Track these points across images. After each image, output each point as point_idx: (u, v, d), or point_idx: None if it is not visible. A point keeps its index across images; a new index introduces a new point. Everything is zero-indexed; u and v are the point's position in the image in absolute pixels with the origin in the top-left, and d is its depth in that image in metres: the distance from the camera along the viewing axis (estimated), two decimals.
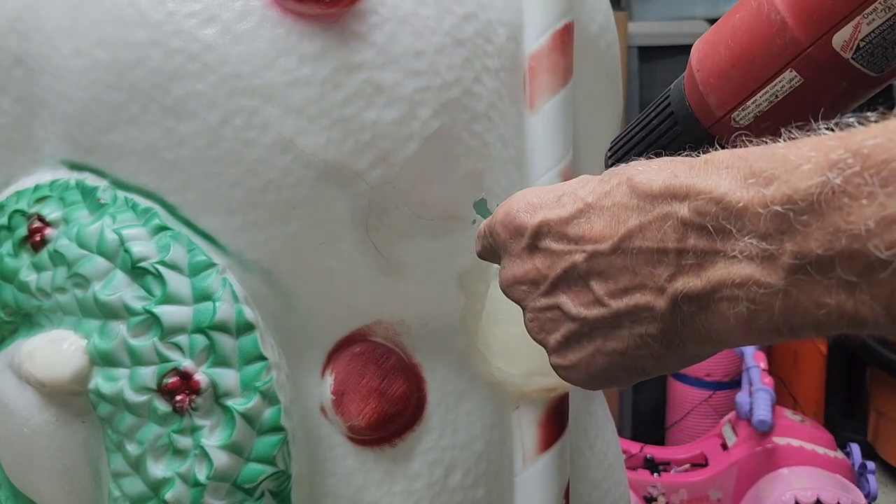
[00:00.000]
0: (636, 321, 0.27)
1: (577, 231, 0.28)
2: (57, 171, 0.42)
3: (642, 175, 0.27)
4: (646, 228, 0.26)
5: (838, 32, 0.27)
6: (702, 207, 0.24)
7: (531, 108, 0.45)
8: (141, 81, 0.39)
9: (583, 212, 0.28)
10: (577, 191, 0.29)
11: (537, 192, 0.31)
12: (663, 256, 0.26)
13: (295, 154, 0.39)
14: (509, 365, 0.45)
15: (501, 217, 0.32)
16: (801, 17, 0.28)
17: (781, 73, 0.29)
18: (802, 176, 0.22)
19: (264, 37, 0.38)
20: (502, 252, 0.32)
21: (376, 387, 0.43)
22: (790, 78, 0.29)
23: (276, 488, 0.40)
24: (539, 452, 0.47)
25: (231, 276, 0.40)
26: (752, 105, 0.30)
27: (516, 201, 0.31)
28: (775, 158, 0.23)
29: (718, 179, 0.24)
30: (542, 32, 0.45)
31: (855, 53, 0.27)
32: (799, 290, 0.23)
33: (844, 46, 0.27)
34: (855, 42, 0.27)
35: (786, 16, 0.28)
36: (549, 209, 0.30)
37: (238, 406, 0.39)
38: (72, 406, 0.40)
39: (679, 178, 0.25)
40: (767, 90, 0.29)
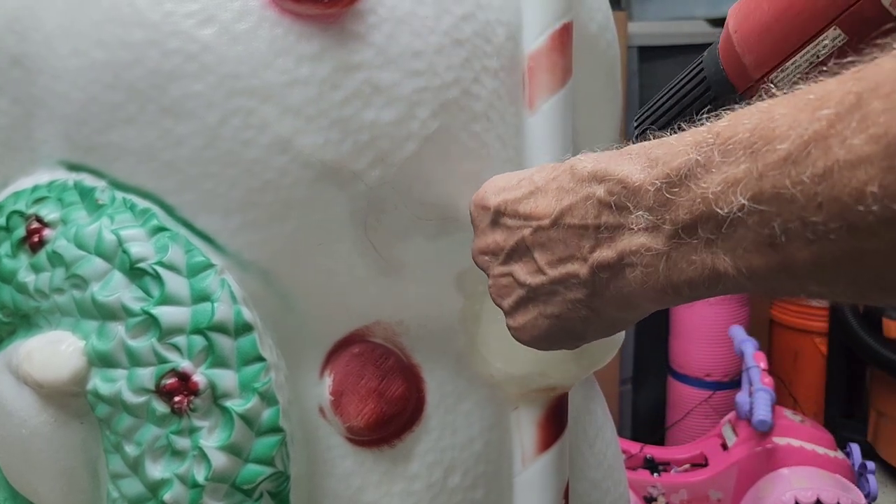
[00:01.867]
0: (567, 287, 0.32)
1: (526, 209, 0.33)
2: (55, 171, 0.42)
3: (582, 162, 0.31)
4: (575, 207, 0.31)
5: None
6: (612, 188, 0.29)
7: (530, 108, 0.45)
8: (139, 81, 0.38)
9: (532, 193, 0.33)
10: (533, 175, 0.34)
11: (506, 176, 0.36)
12: (586, 231, 0.30)
13: (293, 154, 0.39)
14: (508, 365, 0.45)
15: (475, 198, 0.38)
16: None
17: (825, 30, 0.28)
18: (677, 156, 0.26)
19: (262, 37, 0.38)
20: (474, 227, 0.38)
21: (375, 387, 0.43)
22: (834, 36, 0.28)
23: (275, 489, 0.40)
24: (538, 453, 0.47)
25: (229, 277, 0.40)
26: (792, 66, 0.29)
27: (488, 184, 0.37)
28: (665, 145, 0.28)
29: (626, 165, 0.29)
30: (540, 32, 0.45)
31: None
32: (676, 252, 0.27)
33: (893, 2, 0.26)
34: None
35: None
36: (509, 191, 0.35)
37: (237, 407, 0.38)
38: (70, 407, 0.40)
39: (601, 163, 0.30)
40: (809, 49, 0.28)
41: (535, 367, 0.45)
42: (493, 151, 0.44)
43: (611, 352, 0.48)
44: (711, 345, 1.61)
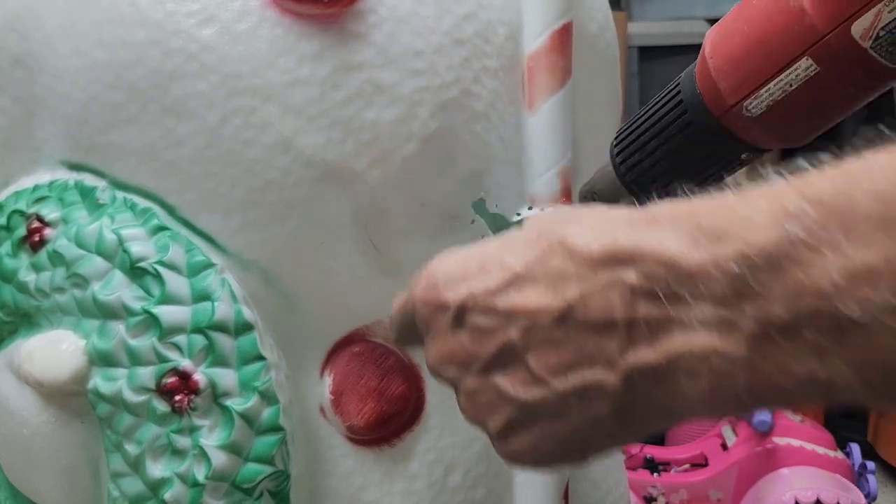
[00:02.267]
0: (585, 400, 0.24)
1: (507, 303, 0.25)
2: (56, 171, 0.42)
3: (578, 237, 0.24)
4: (589, 298, 0.23)
5: (858, 20, 0.26)
6: (651, 272, 0.22)
7: (530, 108, 0.45)
8: (140, 81, 0.39)
9: (512, 282, 0.25)
10: (504, 257, 0.26)
11: (458, 259, 0.28)
12: (612, 328, 0.23)
13: (294, 154, 0.39)
14: None
15: (422, 293, 0.28)
16: (821, 4, 0.27)
17: (797, 60, 0.28)
18: (757, 230, 0.20)
19: (263, 37, 0.38)
20: (425, 331, 0.29)
21: (375, 387, 0.43)
22: (806, 66, 0.28)
23: (275, 488, 0.40)
24: None
25: (230, 276, 0.40)
26: (766, 93, 0.29)
27: (435, 273, 0.28)
28: (725, 212, 0.21)
29: (665, 239, 0.22)
30: (540, 32, 0.45)
31: (874, 42, 0.26)
32: (764, 359, 0.20)
33: (864, 35, 0.26)
34: (875, 30, 0.26)
35: (805, 2, 0.27)
36: (473, 280, 0.26)
37: (237, 406, 0.39)
38: (71, 406, 0.40)
39: (621, 239, 0.23)
40: (782, 78, 0.29)
41: None
42: (494, 151, 0.44)
43: None
44: None
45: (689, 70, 0.33)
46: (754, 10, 0.30)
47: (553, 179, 0.46)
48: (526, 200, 0.46)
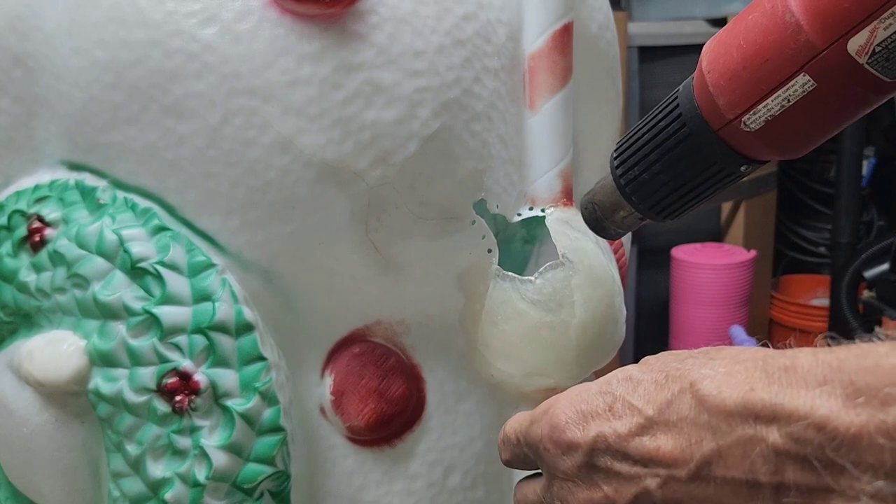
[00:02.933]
0: None
1: (641, 450, 0.25)
2: (56, 171, 0.42)
3: (709, 384, 0.23)
4: (727, 454, 0.22)
5: (854, 37, 0.26)
6: (799, 434, 0.20)
7: (531, 108, 0.45)
8: (140, 81, 0.38)
9: (645, 427, 0.25)
10: (630, 398, 0.25)
11: (583, 397, 0.27)
12: (756, 490, 0.22)
13: (294, 154, 0.39)
14: (509, 365, 0.45)
15: (546, 431, 0.28)
16: (817, 21, 0.27)
17: (794, 76, 0.28)
18: None
19: (264, 37, 0.38)
20: (547, 468, 0.29)
21: (375, 387, 0.43)
22: (803, 82, 0.28)
23: (276, 488, 0.40)
24: None
25: (230, 277, 0.40)
26: (764, 109, 0.29)
27: (562, 411, 0.28)
28: (883, 371, 0.19)
29: (813, 398, 0.20)
30: (541, 32, 0.45)
31: (870, 58, 0.26)
32: None
33: (860, 51, 0.26)
34: (871, 47, 0.26)
35: (801, 18, 0.27)
36: (602, 421, 0.26)
37: (237, 406, 0.39)
38: (71, 406, 0.40)
39: (758, 392, 0.21)
40: (780, 94, 0.29)
41: (535, 367, 0.45)
42: (494, 151, 0.44)
43: (611, 352, 0.48)
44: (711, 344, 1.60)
45: (688, 82, 0.33)
46: (750, 24, 0.29)
47: (554, 180, 0.46)
48: (526, 200, 0.46)
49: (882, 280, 1.52)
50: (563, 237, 0.45)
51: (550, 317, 0.44)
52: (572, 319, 0.44)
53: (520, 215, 0.46)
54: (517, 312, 0.44)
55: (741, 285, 1.59)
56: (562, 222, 0.45)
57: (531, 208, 0.46)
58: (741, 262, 1.59)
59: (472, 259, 0.44)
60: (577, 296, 0.44)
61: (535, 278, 0.44)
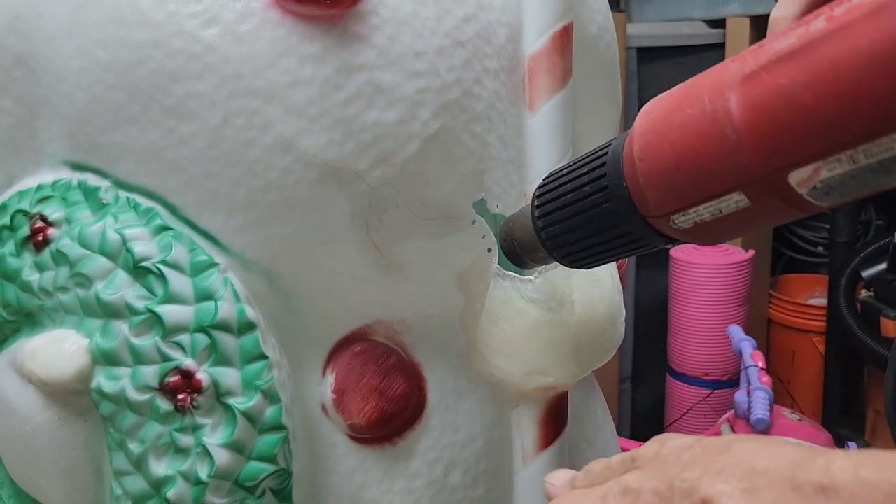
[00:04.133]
0: None
1: None
2: (59, 171, 0.42)
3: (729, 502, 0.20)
4: None
5: (797, 170, 0.24)
6: None
7: (530, 108, 0.45)
8: (142, 81, 0.39)
9: None
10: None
11: None
12: None
13: (296, 154, 0.39)
14: (509, 364, 0.45)
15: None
16: (760, 145, 0.25)
17: (729, 193, 0.26)
18: None
19: (265, 38, 0.38)
20: None
21: (376, 386, 0.43)
22: (738, 199, 0.26)
23: (278, 486, 0.40)
24: (538, 451, 0.47)
25: (232, 276, 0.40)
26: (694, 213, 0.28)
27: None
28: None
29: None
30: (541, 34, 0.45)
31: (811, 191, 0.25)
32: None
33: (801, 183, 0.25)
34: (813, 182, 0.25)
35: (743, 137, 0.25)
36: None
37: (239, 405, 0.39)
38: (74, 405, 0.40)
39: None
40: (712, 204, 0.27)
41: (535, 365, 0.45)
42: (494, 152, 0.44)
43: (610, 351, 0.48)
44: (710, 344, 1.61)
45: (616, 149, 0.30)
46: (688, 121, 0.27)
47: None
48: (526, 200, 0.46)
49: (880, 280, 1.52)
50: None
51: (550, 315, 0.44)
52: (572, 318, 0.44)
53: None
54: (517, 311, 0.44)
55: (739, 285, 1.60)
56: None
57: None
58: (739, 261, 1.59)
59: (473, 258, 0.44)
60: (577, 295, 0.44)
61: (535, 277, 0.44)
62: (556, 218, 0.33)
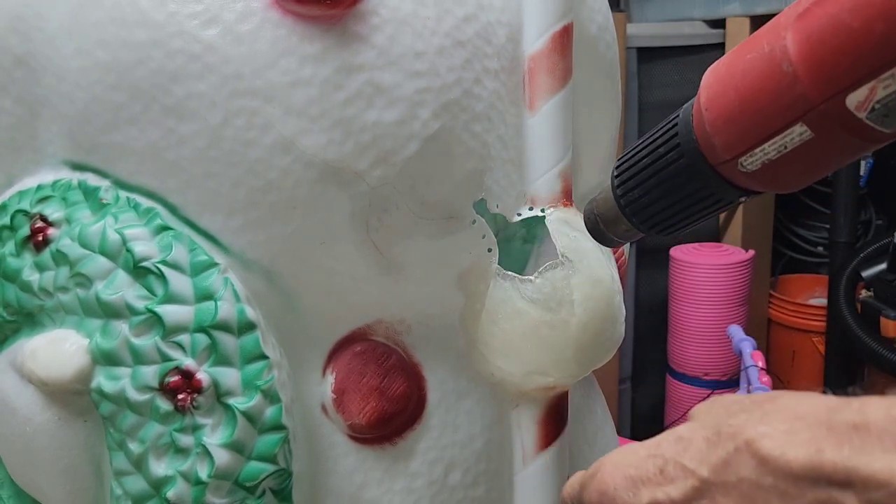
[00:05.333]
0: None
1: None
2: (59, 171, 0.42)
3: (769, 443, 0.21)
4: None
5: (853, 93, 0.25)
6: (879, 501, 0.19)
7: (530, 108, 0.45)
8: (142, 82, 0.39)
9: (701, 490, 0.23)
10: (682, 459, 0.24)
11: (631, 459, 0.26)
12: None
13: (296, 154, 0.39)
14: (509, 364, 0.45)
15: (596, 498, 0.26)
16: (815, 74, 0.26)
17: (791, 125, 0.27)
18: None
19: (265, 38, 0.38)
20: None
21: (377, 385, 0.43)
22: (800, 132, 0.27)
23: (278, 486, 0.40)
24: (538, 451, 0.47)
25: (232, 276, 0.40)
26: (760, 153, 0.29)
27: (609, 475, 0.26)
28: None
29: (891, 462, 0.19)
30: (541, 34, 0.45)
31: (870, 114, 0.26)
32: None
33: (859, 107, 0.26)
34: (870, 103, 0.25)
35: (799, 69, 0.26)
36: (654, 486, 0.24)
37: (239, 405, 0.39)
38: (74, 405, 0.40)
39: (827, 453, 0.20)
40: (776, 140, 0.28)
41: (535, 365, 0.45)
42: (494, 151, 0.44)
43: (610, 351, 0.48)
44: (709, 344, 1.61)
45: (687, 108, 0.32)
46: (748, 65, 0.28)
47: (553, 180, 0.46)
48: (526, 201, 0.46)
49: (880, 280, 1.52)
50: (563, 237, 0.45)
51: (550, 315, 0.44)
52: (572, 318, 0.44)
53: (520, 215, 0.46)
54: (517, 311, 0.44)
55: (739, 285, 1.60)
56: (561, 222, 0.46)
57: (531, 208, 0.46)
58: (739, 261, 1.59)
59: (473, 258, 0.44)
60: (577, 295, 0.44)
61: (535, 277, 0.44)
62: (634, 183, 0.34)
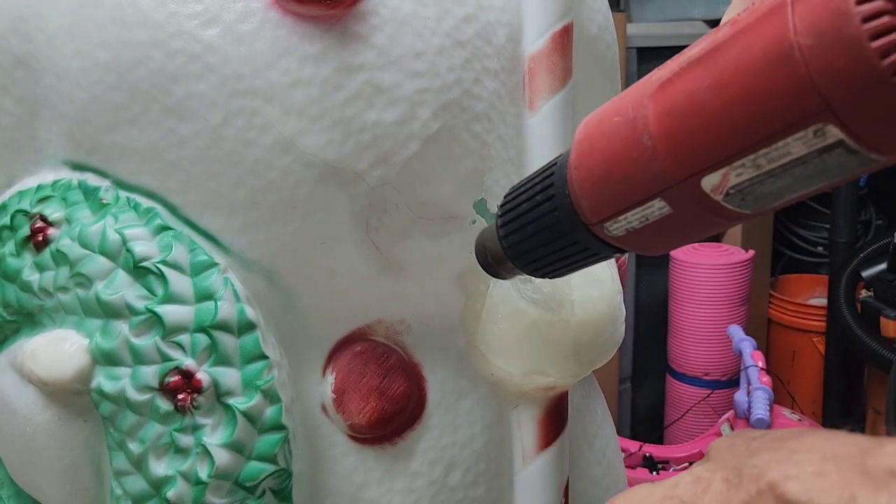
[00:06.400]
0: None
1: None
2: (59, 171, 0.42)
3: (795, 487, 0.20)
4: None
5: (707, 176, 0.25)
6: None
7: (530, 108, 0.45)
8: (142, 82, 0.39)
9: None
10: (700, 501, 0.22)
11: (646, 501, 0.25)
12: None
13: (296, 154, 0.39)
14: (509, 364, 0.45)
15: None
16: (672, 152, 0.25)
17: (651, 200, 0.27)
18: None
19: (265, 38, 0.38)
20: None
21: (377, 385, 0.43)
22: (660, 206, 0.27)
23: (278, 486, 0.40)
24: (538, 451, 0.47)
25: (232, 276, 0.40)
26: (624, 220, 0.28)
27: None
28: None
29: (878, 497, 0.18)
30: (541, 34, 0.45)
31: (726, 197, 0.25)
32: None
33: (714, 189, 0.25)
34: (724, 188, 0.25)
35: (658, 144, 0.25)
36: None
37: (239, 405, 0.39)
38: (74, 405, 0.41)
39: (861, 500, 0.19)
40: (637, 211, 0.27)
41: (534, 365, 0.45)
42: (494, 151, 0.44)
43: (610, 351, 0.48)
44: (710, 344, 1.61)
45: (564, 158, 0.31)
46: (614, 129, 0.28)
47: None
48: None
49: (880, 280, 1.53)
50: None
51: (550, 315, 0.44)
52: (571, 318, 0.44)
53: None
54: (517, 311, 0.44)
55: (739, 285, 1.60)
56: None
57: None
58: (739, 261, 1.60)
59: (473, 258, 0.44)
60: (577, 295, 0.44)
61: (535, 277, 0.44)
62: (514, 227, 0.33)
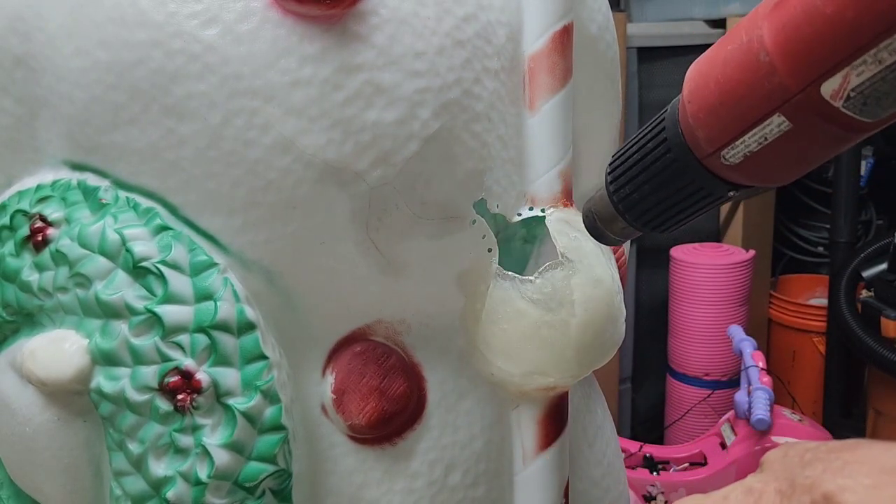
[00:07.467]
0: None
1: None
2: (59, 171, 0.42)
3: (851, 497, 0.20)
4: None
5: (827, 81, 0.25)
6: None
7: (530, 108, 0.45)
8: (142, 82, 0.39)
9: None
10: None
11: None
12: None
13: (295, 154, 0.39)
14: (509, 364, 0.45)
15: None
16: (790, 63, 0.26)
17: (770, 116, 0.27)
18: None
19: (265, 38, 0.38)
20: None
21: (376, 386, 0.43)
22: (779, 122, 0.27)
23: (278, 487, 0.40)
24: (538, 451, 0.47)
25: (232, 276, 0.40)
26: (741, 145, 0.29)
27: None
28: None
29: None
30: (541, 33, 0.45)
31: (846, 102, 0.25)
32: None
33: (834, 95, 0.25)
34: (845, 91, 0.25)
35: (775, 59, 0.26)
36: None
37: (239, 405, 0.39)
38: (73, 405, 0.40)
39: None
40: (756, 132, 0.28)
41: (535, 365, 0.45)
42: (494, 151, 0.44)
43: (610, 351, 0.48)
44: (710, 344, 1.61)
45: (675, 102, 0.32)
46: (728, 56, 0.28)
47: (554, 180, 0.46)
48: (526, 201, 0.46)
49: (880, 280, 1.52)
50: (563, 237, 0.45)
51: (550, 316, 0.44)
52: (572, 318, 0.44)
53: (520, 215, 0.46)
54: (517, 311, 0.44)
55: (740, 285, 1.60)
56: (562, 222, 0.46)
57: (531, 208, 0.46)
58: (740, 261, 1.59)
59: (473, 259, 0.44)
60: (577, 295, 0.44)
61: (535, 277, 0.44)
62: (626, 179, 0.34)
